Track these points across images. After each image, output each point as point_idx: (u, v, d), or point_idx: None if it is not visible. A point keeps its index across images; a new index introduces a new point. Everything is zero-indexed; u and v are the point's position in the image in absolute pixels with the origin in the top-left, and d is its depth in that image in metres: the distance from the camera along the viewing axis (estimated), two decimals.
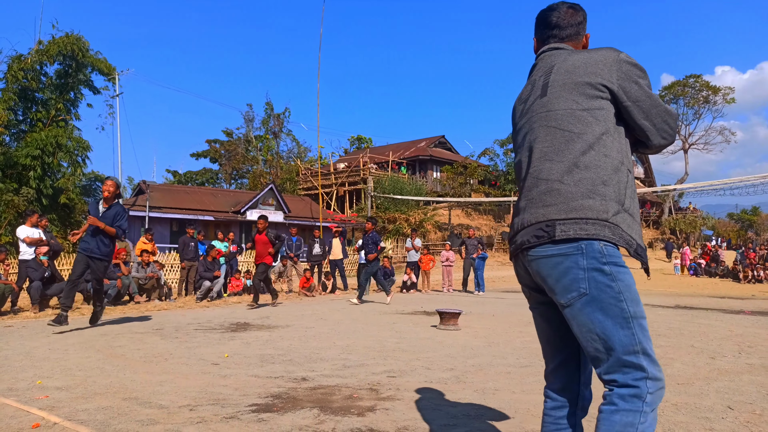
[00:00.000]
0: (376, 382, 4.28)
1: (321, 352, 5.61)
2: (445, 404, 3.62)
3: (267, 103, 48.18)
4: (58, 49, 21.22)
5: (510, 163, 41.74)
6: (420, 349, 5.82)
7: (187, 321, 8.27)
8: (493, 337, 6.73)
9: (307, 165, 42.35)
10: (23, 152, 19.81)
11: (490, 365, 4.97)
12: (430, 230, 32.64)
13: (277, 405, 3.57)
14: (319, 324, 8.05)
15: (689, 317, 9.26)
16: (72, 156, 21.63)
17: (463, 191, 38.14)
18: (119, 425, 3.13)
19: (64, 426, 3.11)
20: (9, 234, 17.29)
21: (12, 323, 7.88)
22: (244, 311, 9.81)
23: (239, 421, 3.22)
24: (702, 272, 24.78)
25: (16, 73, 20.38)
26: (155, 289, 11.67)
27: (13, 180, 19.67)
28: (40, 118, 21.26)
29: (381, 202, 31.32)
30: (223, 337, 6.61)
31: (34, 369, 4.68)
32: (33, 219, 9.85)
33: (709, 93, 43.50)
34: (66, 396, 3.77)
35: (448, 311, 7.57)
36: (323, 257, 15.17)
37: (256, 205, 27.00)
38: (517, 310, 10.48)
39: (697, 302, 12.34)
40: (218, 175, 50.92)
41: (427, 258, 15.96)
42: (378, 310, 10.29)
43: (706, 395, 3.90)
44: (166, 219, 24.31)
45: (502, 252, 33.70)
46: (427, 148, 43.71)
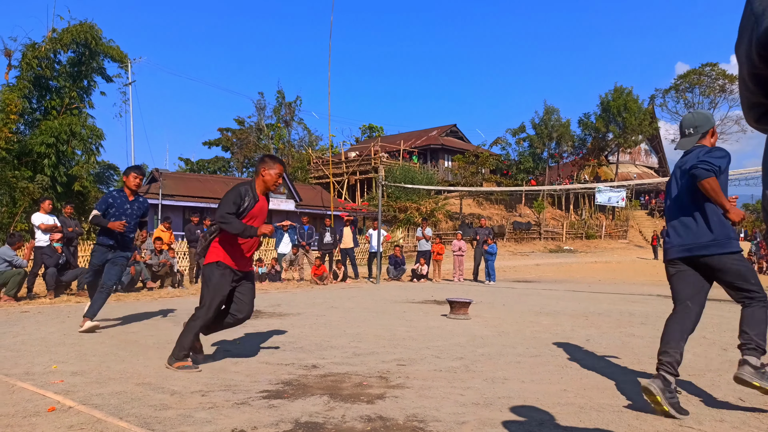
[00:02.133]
0: (385, 370, 4.30)
1: (331, 340, 5.65)
2: (454, 393, 3.63)
3: (278, 92, 48.25)
4: (72, 37, 21.29)
5: (521, 153, 41.51)
6: (430, 338, 5.83)
7: None
8: (503, 327, 6.73)
9: (318, 154, 42.40)
10: (38, 140, 19.97)
11: (499, 355, 4.98)
12: (442, 219, 32.61)
13: (288, 392, 3.61)
14: (329, 312, 8.09)
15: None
16: (86, 144, 21.77)
17: (475, 180, 38.02)
18: (132, 410, 3.18)
19: (79, 410, 3.16)
20: (24, 221, 17.51)
21: (28, 309, 8.00)
22: (255, 299, 9.87)
23: (250, 407, 3.25)
24: None
25: (31, 62, 20.50)
26: (168, 276, 11.78)
27: (28, 168, 19.86)
28: (54, 106, 21.39)
29: (392, 191, 31.32)
30: None
31: (50, 354, 4.76)
32: (45, 205, 9.96)
33: (726, 82, 42.85)
34: (81, 381, 3.83)
35: (459, 300, 7.58)
36: (334, 246, 15.21)
37: None
38: (527, 299, 10.47)
39: (710, 293, 12.23)
40: (230, 164, 51.11)
41: (438, 247, 15.96)
42: (389, 298, 10.32)
43: (718, 387, 3.89)
44: (178, 207, 24.50)
45: (514, 242, 33.61)
46: (439, 137, 43.56)
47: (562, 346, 5.45)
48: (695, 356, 4.98)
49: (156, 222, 22.13)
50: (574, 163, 43.22)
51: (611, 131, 39.38)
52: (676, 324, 3.45)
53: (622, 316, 7.92)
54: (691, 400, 3.53)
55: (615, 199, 39.44)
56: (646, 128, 40.07)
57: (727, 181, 3.48)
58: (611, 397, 3.58)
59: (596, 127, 39.61)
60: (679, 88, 44.72)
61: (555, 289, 13.16)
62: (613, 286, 14.44)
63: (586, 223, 38.73)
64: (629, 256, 31.69)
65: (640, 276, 19.14)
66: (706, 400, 3.55)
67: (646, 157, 51.58)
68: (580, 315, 8.01)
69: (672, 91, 45.18)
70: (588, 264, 25.93)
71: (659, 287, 14.08)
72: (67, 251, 10.21)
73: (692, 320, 3.47)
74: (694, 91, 44.30)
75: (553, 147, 40.90)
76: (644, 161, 51.18)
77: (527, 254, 30.18)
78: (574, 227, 37.51)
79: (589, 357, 4.89)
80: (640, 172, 48.60)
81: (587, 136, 41.52)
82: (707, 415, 3.23)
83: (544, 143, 40.02)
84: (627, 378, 4.11)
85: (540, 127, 39.83)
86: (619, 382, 3.96)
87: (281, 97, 46.79)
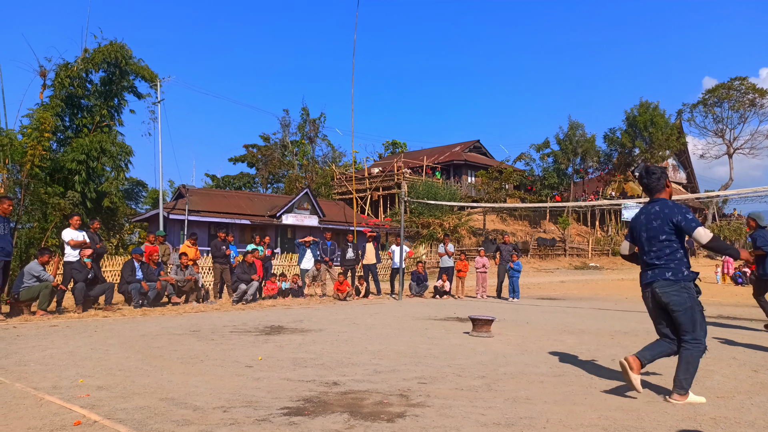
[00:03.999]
0: (406, 388, 4.29)
1: (353, 357, 5.65)
2: (476, 412, 3.60)
3: (303, 109, 48.75)
4: (103, 57, 21.91)
5: (546, 168, 41.21)
6: (452, 356, 5.80)
7: (223, 323, 8.43)
8: (527, 345, 6.65)
9: (342, 170, 42.66)
10: (69, 157, 20.51)
11: (522, 373, 4.92)
12: (465, 235, 32.44)
13: (308, 409, 3.62)
14: (351, 329, 8.10)
15: (732, 328, 8.97)
16: (115, 161, 22.29)
17: (498, 196, 37.82)
18: (155, 425, 3.22)
19: (104, 424, 3.22)
20: (55, 236, 17.92)
21: (57, 323, 8.17)
22: (278, 314, 9.94)
23: (271, 424, 3.27)
24: (747, 281, 23.94)
25: (63, 81, 21.14)
26: (193, 291, 11.93)
27: (59, 184, 20.38)
28: (86, 123, 21.98)
29: (415, 207, 31.30)
30: (257, 340, 6.72)
31: (77, 368, 4.85)
32: (73, 221, 10.20)
33: (756, 96, 42.09)
34: (106, 395, 3.90)
35: (481, 318, 7.52)
36: (356, 262, 15.24)
37: (291, 209, 27.33)
38: (552, 317, 10.33)
39: (740, 312, 11.93)
40: (255, 180, 51.71)
41: (461, 264, 15.87)
42: (411, 315, 10.29)
43: (747, 410, 3.78)
44: (204, 222, 24.83)
45: (538, 258, 33.24)
46: (462, 153, 43.51)
47: (586, 365, 5.37)
48: (724, 377, 4.86)
49: (182, 237, 22.45)
50: (599, 178, 42.74)
51: (637, 146, 38.91)
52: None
53: (649, 335, 7.75)
54: (720, 422, 3.44)
55: None
56: (673, 143, 39.52)
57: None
58: (636, 418, 3.51)
59: (622, 142, 39.19)
60: (707, 102, 44.05)
61: (580, 307, 12.96)
62: (639, 305, 14.12)
63: (613, 239, 38.14)
64: None
65: None
66: (735, 423, 3.46)
67: (673, 173, 50.76)
68: (605, 334, 7.88)
69: (700, 105, 44.53)
70: (614, 281, 25.48)
71: None
72: (95, 266, 10.42)
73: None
74: (723, 105, 43.59)
75: (578, 162, 40.55)
76: (672, 177, 50.34)
77: (552, 271, 29.81)
78: (599, 244, 36.98)
79: (614, 377, 4.80)
80: None
81: (613, 152, 41.10)
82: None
83: (569, 159, 39.70)
84: (652, 399, 4.02)
85: (564, 142, 39.55)
86: (644, 404, 3.88)
87: (306, 114, 47.32)
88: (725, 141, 44.90)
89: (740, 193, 15.02)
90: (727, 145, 44.79)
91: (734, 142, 44.69)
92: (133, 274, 10.76)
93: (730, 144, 44.70)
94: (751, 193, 13.36)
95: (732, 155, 44.81)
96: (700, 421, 3.48)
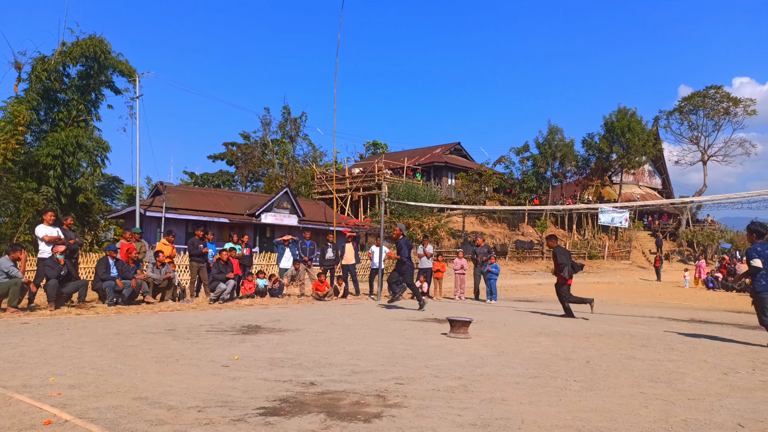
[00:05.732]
0: (383, 388, 4.29)
1: (330, 357, 5.63)
2: (452, 413, 3.62)
3: (284, 107, 48.46)
4: (81, 51, 21.57)
5: (525, 171, 41.57)
6: (429, 357, 5.81)
7: (200, 322, 8.35)
8: (503, 347, 6.70)
9: (323, 169, 42.52)
10: (44, 151, 20.14)
11: (498, 375, 4.96)
12: (444, 237, 32.56)
13: (285, 409, 3.60)
14: (329, 329, 8.07)
15: (704, 331, 9.15)
16: (91, 156, 21.96)
17: (478, 199, 38.05)
18: (128, 424, 3.17)
19: (75, 423, 3.16)
20: (28, 232, 17.56)
21: (28, 320, 8.01)
22: (255, 314, 9.87)
23: (246, 424, 3.24)
24: (719, 286, 24.44)
25: (40, 74, 20.75)
26: (169, 290, 11.78)
27: (33, 179, 20.00)
28: (62, 118, 21.60)
29: (395, 208, 31.34)
30: (234, 340, 6.66)
31: (48, 366, 4.76)
32: (48, 217, 10.01)
33: (730, 104, 42.99)
34: (78, 394, 3.83)
35: (459, 319, 7.56)
36: (336, 262, 15.20)
37: (270, 208, 27.16)
38: (528, 319, 10.43)
39: (712, 316, 12.17)
40: (234, 178, 51.28)
41: (439, 265, 15.93)
42: (389, 316, 10.30)
43: (717, 412, 3.86)
44: (182, 220, 24.54)
45: (516, 260, 33.51)
46: (443, 155, 43.69)
47: (561, 367, 5.43)
48: (695, 380, 4.95)
49: (159, 235, 22.16)
50: (577, 182, 43.25)
51: (615, 152, 39.46)
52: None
53: (623, 338, 7.87)
54: (690, 424, 3.51)
55: (618, 220, 39.38)
56: (649, 149, 40.15)
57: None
58: (609, 420, 3.56)
59: (600, 147, 39.70)
60: (683, 110, 44.86)
61: (556, 310, 13.10)
62: (615, 307, 14.36)
63: (589, 243, 38.63)
64: (632, 277, 31.55)
65: (643, 297, 19.04)
66: (705, 424, 3.53)
67: (649, 178, 51.61)
68: (580, 336, 7.98)
69: (676, 112, 45.33)
70: (590, 284, 25.81)
71: (661, 309, 14.00)
72: (68, 263, 10.24)
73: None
74: (698, 113, 44.42)
75: (556, 166, 40.98)
76: (648, 182, 51.20)
77: (529, 273, 30.08)
78: (576, 247, 37.40)
79: (588, 379, 4.87)
80: (643, 193, 48.60)
81: (591, 156, 41.62)
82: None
83: (548, 162, 40.10)
84: (625, 401, 4.08)
85: (544, 146, 39.94)
86: (618, 405, 3.94)
87: (287, 113, 47.06)
88: (700, 148, 45.77)
89: (713, 199, 15.34)
90: (702, 152, 45.66)
91: (708, 150, 45.58)
92: (107, 271, 10.59)
93: (704, 151, 45.57)
94: (725, 200, 13.64)
95: (706, 162, 45.68)
96: (671, 422, 3.54)
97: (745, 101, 42.99)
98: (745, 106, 42.89)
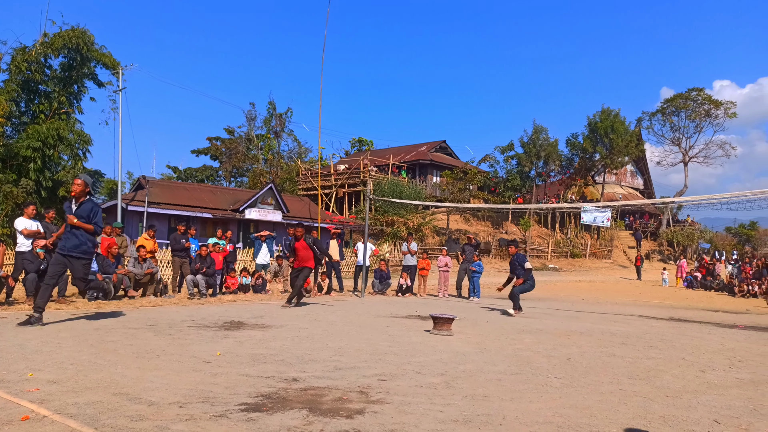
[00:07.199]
0: (366, 384, 4.30)
1: (313, 354, 5.63)
2: (434, 409, 3.63)
3: (270, 103, 48.19)
4: (63, 42, 21.24)
5: (509, 170, 41.79)
6: (412, 353, 5.83)
7: (182, 318, 8.28)
8: (486, 344, 6.74)
9: (308, 165, 42.36)
10: (24, 144, 19.81)
11: (480, 371, 4.99)
12: (428, 234, 32.64)
13: (267, 405, 3.59)
14: (312, 325, 8.06)
15: (682, 330, 9.29)
16: (73, 149, 21.65)
17: (462, 197, 38.17)
18: (108, 420, 3.14)
19: (53, 419, 3.12)
20: (7, 225, 17.28)
21: (6, 315, 7.89)
22: (238, 310, 9.82)
23: (228, 420, 3.23)
24: (698, 285, 24.81)
25: (20, 65, 20.40)
26: (151, 285, 11.67)
27: (12, 171, 19.68)
28: (43, 110, 21.26)
29: (380, 205, 31.35)
30: (216, 335, 6.63)
31: (26, 361, 4.70)
32: (29, 210, 9.85)
33: (711, 107, 43.56)
34: (57, 389, 3.79)
35: (442, 316, 7.59)
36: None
37: (255, 204, 27.01)
38: (510, 317, 10.50)
39: (691, 315, 12.36)
40: (218, 173, 50.91)
41: (424, 262, 15.97)
42: (373, 312, 10.30)
43: (694, 408, 3.92)
44: (164, 215, 24.31)
45: (500, 258, 33.70)
46: (428, 153, 43.75)
47: (543, 364, 5.48)
48: (673, 377, 5.03)
49: (141, 230, 21.93)
50: (561, 182, 43.58)
51: (598, 152, 39.83)
52: None
53: (603, 336, 7.97)
54: (668, 420, 3.56)
55: (600, 219, 39.81)
56: (632, 150, 40.58)
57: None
58: (589, 416, 3.60)
59: (584, 147, 40.04)
60: (665, 111, 45.35)
61: (538, 307, 13.21)
62: (596, 306, 14.52)
63: (572, 242, 38.97)
64: (613, 275, 31.90)
65: (623, 296, 19.27)
66: (682, 421, 3.58)
67: (631, 179, 52.19)
68: (562, 333, 8.05)
69: (658, 114, 45.85)
70: (572, 283, 26.06)
71: (641, 308, 14.18)
72: (48, 257, 10.08)
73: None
74: (680, 114, 44.95)
75: (540, 166, 41.24)
76: (630, 182, 51.78)
77: None
78: (559, 246, 37.73)
79: (569, 376, 4.92)
80: (625, 193, 49.15)
81: (575, 156, 41.94)
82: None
83: (532, 162, 40.35)
84: (605, 398, 4.13)
85: (528, 145, 40.17)
86: (597, 402, 3.99)
87: (272, 108, 46.83)
88: (681, 149, 46.33)
89: (694, 200, 15.55)
90: (683, 153, 46.23)
91: (690, 151, 46.16)
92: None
93: (685, 152, 46.15)
94: (705, 201, 13.85)
95: (687, 163, 46.27)
96: (649, 419, 3.59)
97: (726, 104, 43.58)
98: (725, 109, 43.48)
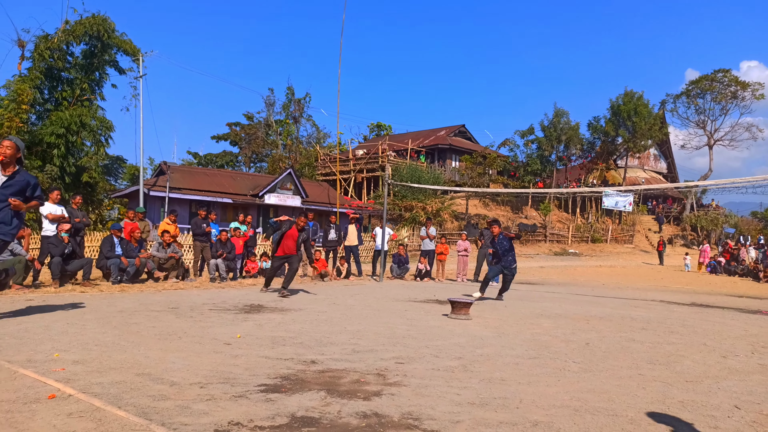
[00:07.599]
0: (384, 367, 4.33)
1: (331, 337, 5.68)
2: (451, 392, 3.65)
3: (288, 88, 48.35)
4: (84, 30, 21.43)
5: (529, 155, 41.41)
6: (430, 337, 5.86)
7: (203, 301, 8.41)
8: (504, 328, 6.74)
9: (326, 151, 42.42)
10: (48, 130, 20.12)
11: (498, 355, 4.99)
12: (447, 219, 32.57)
13: (286, 386, 3.64)
14: (331, 309, 8.13)
15: (704, 315, 9.17)
16: (95, 135, 21.94)
17: (482, 181, 37.95)
18: (131, 399, 3.22)
19: (79, 398, 3.21)
20: (33, 210, 17.63)
21: (33, 297, 8.09)
22: (258, 293, 9.94)
23: (247, 400, 3.29)
24: (721, 270, 24.44)
25: (43, 53, 20.65)
26: (174, 269, 11.85)
27: (37, 157, 20.02)
28: (66, 97, 21.54)
29: (398, 190, 31.31)
30: (236, 318, 6.72)
31: (52, 342, 4.82)
32: (53, 195, 10.04)
33: (738, 88, 42.56)
34: (82, 369, 3.88)
35: (460, 300, 7.59)
36: (338, 243, 15.25)
37: (274, 189, 27.18)
38: (529, 302, 10.47)
39: (713, 300, 12.19)
40: (238, 158, 51.24)
41: (442, 247, 15.96)
42: (391, 297, 10.35)
43: (714, 394, 3.89)
44: (185, 200, 24.60)
45: (519, 243, 33.52)
46: (447, 137, 43.49)
47: (561, 348, 5.46)
48: (694, 362, 4.98)
49: (162, 215, 22.23)
50: (582, 166, 43.08)
51: (620, 135, 39.23)
52: None
53: (623, 321, 7.91)
54: (687, 405, 3.54)
55: (622, 204, 39.31)
56: (655, 133, 39.90)
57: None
58: (607, 400, 3.59)
59: (606, 130, 39.47)
60: (690, 93, 44.45)
61: (558, 292, 13.14)
62: (616, 291, 14.40)
63: (592, 226, 38.59)
64: (634, 260, 31.56)
65: (645, 281, 19.07)
66: (702, 406, 3.55)
67: (654, 162, 51.35)
68: (581, 318, 8.01)
69: (683, 96, 44.93)
70: (592, 268, 25.84)
71: (663, 293, 14.02)
72: (73, 241, 10.29)
73: None
74: (706, 97, 44.02)
75: (561, 150, 40.79)
76: (653, 166, 50.96)
77: (532, 256, 30.13)
78: (579, 230, 37.39)
79: (587, 360, 4.90)
80: (648, 177, 48.39)
81: (596, 140, 41.40)
82: (702, 422, 3.24)
83: (553, 146, 39.92)
84: (623, 383, 4.11)
85: (549, 129, 39.72)
86: (616, 386, 3.97)
87: (291, 94, 46.84)
88: (706, 132, 45.44)
89: (718, 183, 15.26)
90: (708, 136, 45.34)
91: (715, 134, 45.26)
92: (112, 249, 10.66)
93: (711, 135, 45.25)
94: (729, 184, 13.59)
95: (712, 146, 45.40)
96: (668, 404, 3.57)
97: (753, 85, 42.55)
98: (753, 90, 42.47)
